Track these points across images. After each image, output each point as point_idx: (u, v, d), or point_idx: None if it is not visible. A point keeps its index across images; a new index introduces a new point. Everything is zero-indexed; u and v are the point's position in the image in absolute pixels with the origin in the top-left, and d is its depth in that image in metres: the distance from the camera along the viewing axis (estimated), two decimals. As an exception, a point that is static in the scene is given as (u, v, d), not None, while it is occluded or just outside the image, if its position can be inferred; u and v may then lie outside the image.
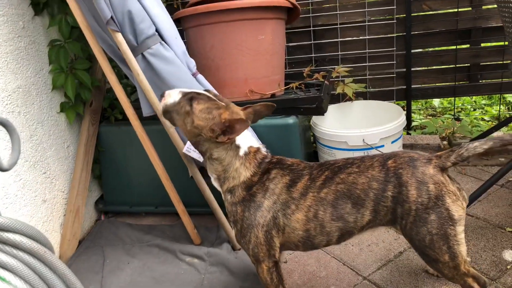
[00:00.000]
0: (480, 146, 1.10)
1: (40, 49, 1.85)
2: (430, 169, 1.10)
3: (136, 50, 1.65)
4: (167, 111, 1.27)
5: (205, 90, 1.27)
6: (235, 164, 1.23)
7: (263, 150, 1.29)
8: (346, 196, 1.14)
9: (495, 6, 1.85)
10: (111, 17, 1.59)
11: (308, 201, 1.16)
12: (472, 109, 3.13)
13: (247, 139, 1.26)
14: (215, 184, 1.30)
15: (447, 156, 1.11)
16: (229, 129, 1.18)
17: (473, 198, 1.73)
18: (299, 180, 1.19)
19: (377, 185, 1.11)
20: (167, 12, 1.77)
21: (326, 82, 2.12)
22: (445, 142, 2.55)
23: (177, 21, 2.01)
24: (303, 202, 1.16)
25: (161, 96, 1.29)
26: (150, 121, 1.80)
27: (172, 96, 1.25)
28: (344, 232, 1.18)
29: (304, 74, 2.20)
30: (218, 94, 1.30)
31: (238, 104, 1.91)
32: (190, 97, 1.22)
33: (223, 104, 1.23)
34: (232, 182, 1.24)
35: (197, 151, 1.68)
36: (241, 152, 1.24)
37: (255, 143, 1.28)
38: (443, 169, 1.11)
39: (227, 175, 1.24)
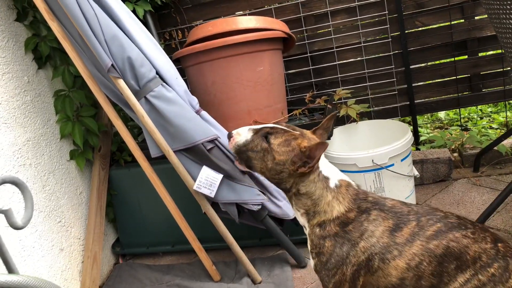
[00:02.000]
0: None
1: (46, 100, 1.90)
2: None
3: (139, 94, 1.69)
4: (240, 151, 1.22)
5: (276, 123, 1.23)
6: (327, 197, 1.16)
7: (354, 185, 1.21)
8: (455, 257, 1.07)
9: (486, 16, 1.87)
10: (112, 64, 1.63)
11: (413, 248, 1.09)
12: (479, 118, 3.12)
13: (335, 171, 1.20)
14: (301, 219, 1.23)
15: None
16: (309, 157, 1.13)
17: (490, 210, 1.70)
18: (404, 225, 1.11)
19: (485, 259, 1.07)
20: (165, 54, 1.82)
21: (328, 106, 2.14)
22: (455, 154, 2.53)
23: (177, 61, 2.06)
24: (408, 249, 1.09)
25: (228, 137, 1.24)
26: (159, 161, 1.81)
27: (243, 135, 1.21)
28: None
29: (306, 100, 2.22)
30: (290, 125, 1.25)
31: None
32: (265, 133, 1.18)
33: (298, 133, 1.19)
34: (324, 216, 1.17)
35: (208, 187, 1.69)
36: (332, 184, 1.17)
37: (345, 176, 1.21)
38: None
39: (317, 209, 1.17)
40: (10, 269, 0.74)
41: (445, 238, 1.08)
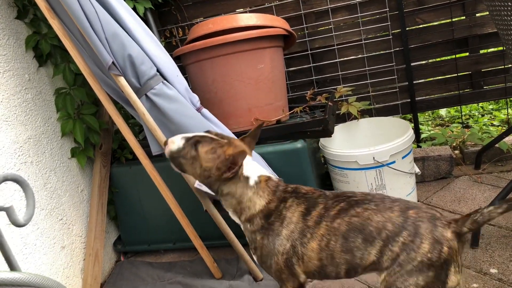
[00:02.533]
0: (494, 210, 1.08)
1: (46, 98, 1.90)
2: (448, 232, 1.09)
3: (140, 91, 1.69)
4: (173, 157, 1.28)
5: (206, 132, 1.30)
6: (248, 194, 1.24)
7: (275, 178, 1.29)
8: (359, 230, 1.13)
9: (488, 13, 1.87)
10: (113, 62, 1.63)
11: (321, 230, 1.16)
12: (480, 115, 3.12)
13: (255, 169, 1.27)
14: (234, 218, 1.31)
15: (463, 222, 1.10)
16: (233, 163, 1.20)
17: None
18: (313, 208, 1.19)
19: (392, 228, 1.10)
20: (166, 52, 1.82)
21: (329, 103, 2.14)
22: (457, 152, 2.53)
23: (177, 58, 2.06)
24: (317, 230, 1.16)
25: (164, 144, 1.31)
26: (160, 159, 1.81)
27: (176, 143, 1.27)
28: (350, 267, 1.16)
29: (307, 97, 2.21)
30: (219, 132, 1.32)
31: (245, 133, 1.94)
32: (194, 142, 1.25)
33: (225, 141, 1.26)
34: (249, 212, 1.25)
35: (208, 185, 1.70)
36: (251, 182, 1.25)
37: (265, 172, 1.29)
38: (459, 235, 1.10)
39: (242, 206, 1.25)
40: (12, 267, 0.75)
41: (346, 215, 1.15)
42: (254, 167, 1.28)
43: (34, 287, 0.67)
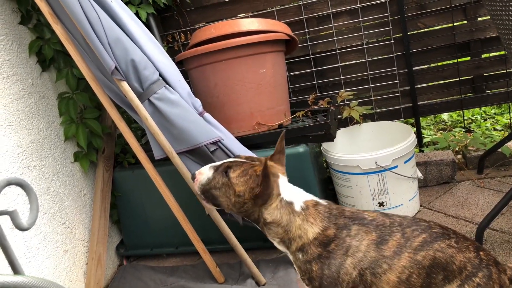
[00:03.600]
0: None
1: (50, 103, 1.91)
2: (506, 278, 1.12)
3: (142, 96, 1.69)
4: (205, 190, 1.21)
5: (236, 156, 1.25)
6: (296, 221, 1.14)
7: (323, 202, 1.19)
8: (442, 267, 1.08)
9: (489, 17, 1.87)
10: (115, 67, 1.64)
11: (402, 261, 1.08)
12: (482, 120, 3.11)
13: (297, 193, 1.19)
14: (281, 248, 1.21)
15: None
16: (265, 182, 1.12)
17: (495, 212, 1.69)
18: (389, 237, 1.10)
19: (470, 269, 1.08)
20: (168, 56, 1.82)
21: (331, 107, 2.14)
22: (459, 156, 2.52)
23: (180, 63, 2.07)
24: (397, 262, 1.08)
25: (192, 178, 1.24)
26: (162, 163, 1.82)
27: (205, 173, 1.20)
28: None
29: (309, 102, 2.22)
30: (249, 155, 1.26)
31: (247, 137, 1.95)
32: (224, 168, 1.17)
33: (256, 162, 1.19)
34: (300, 241, 1.14)
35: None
36: (297, 208, 1.15)
37: (310, 196, 1.20)
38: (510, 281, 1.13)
39: (291, 235, 1.15)
40: (16, 270, 0.75)
41: (431, 248, 1.08)
42: (295, 190, 1.20)
43: (38, 291, 0.68)
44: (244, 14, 2.65)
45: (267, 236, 1.21)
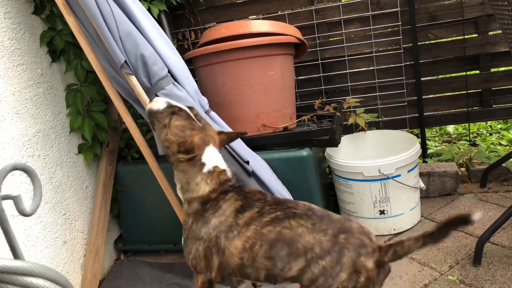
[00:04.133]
0: (414, 244, 1.09)
1: (57, 93, 1.92)
2: (370, 262, 1.10)
3: (150, 91, 1.70)
4: (150, 115, 1.36)
5: (189, 107, 1.36)
6: (197, 179, 1.28)
7: (229, 173, 1.33)
8: (286, 243, 1.15)
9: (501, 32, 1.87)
10: (125, 61, 1.65)
11: (249, 232, 1.19)
12: (488, 134, 3.10)
13: (214, 159, 1.32)
14: (179, 193, 1.36)
15: (386, 251, 1.11)
16: (190, 150, 1.26)
17: (496, 226, 1.69)
18: (248, 209, 1.23)
19: (318, 251, 1.11)
20: (178, 53, 1.83)
21: (337, 113, 2.14)
22: (463, 169, 2.52)
23: (188, 61, 2.08)
24: (245, 231, 1.20)
25: (150, 100, 1.40)
26: (166, 159, 1.82)
27: (158, 104, 1.34)
28: (270, 274, 1.18)
29: (316, 107, 2.22)
30: (198, 113, 1.38)
31: (252, 138, 1.95)
32: (171, 111, 1.31)
33: (199, 125, 1.32)
34: (191, 194, 1.29)
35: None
36: (205, 169, 1.29)
37: (223, 164, 1.33)
38: (381, 264, 1.12)
39: (189, 187, 1.30)
40: (16, 255, 0.75)
41: (279, 225, 1.17)
42: (215, 157, 1.32)
43: (37, 277, 0.68)
44: (255, 16, 2.66)
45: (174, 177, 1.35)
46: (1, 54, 1.63)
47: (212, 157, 1.31)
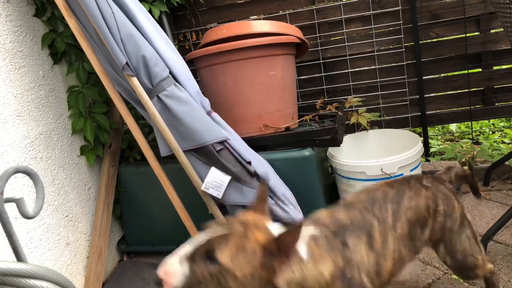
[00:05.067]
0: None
1: (59, 95, 1.93)
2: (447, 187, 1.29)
3: (152, 92, 1.70)
4: None
5: (206, 228, 0.94)
6: (309, 270, 0.96)
7: (315, 232, 1.03)
8: (417, 222, 1.17)
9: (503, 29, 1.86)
10: (126, 62, 1.65)
11: (391, 246, 1.09)
12: (491, 132, 3.09)
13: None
14: None
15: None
16: (283, 247, 0.87)
17: (499, 225, 1.68)
18: (373, 230, 1.09)
19: (432, 203, 1.19)
20: (179, 54, 1.83)
21: (339, 113, 2.13)
22: (465, 168, 2.50)
23: (190, 62, 2.08)
24: (388, 249, 1.08)
25: (158, 284, 0.87)
26: (168, 160, 1.82)
27: (176, 272, 0.86)
28: (412, 255, 1.21)
29: (317, 106, 2.22)
30: (220, 222, 0.94)
31: (254, 139, 1.95)
32: (204, 253, 0.87)
33: (240, 229, 0.90)
34: (318, 286, 0.98)
35: (215, 188, 1.70)
36: (305, 256, 0.96)
37: (303, 235, 0.99)
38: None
39: (309, 285, 0.96)
40: (19, 258, 0.75)
41: (402, 214, 1.14)
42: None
43: (41, 279, 0.68)
44: (256, 16, 2.66)
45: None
46: (3, 57, 1.64)
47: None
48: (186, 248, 0.88)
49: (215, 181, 1.70)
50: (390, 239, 1.11)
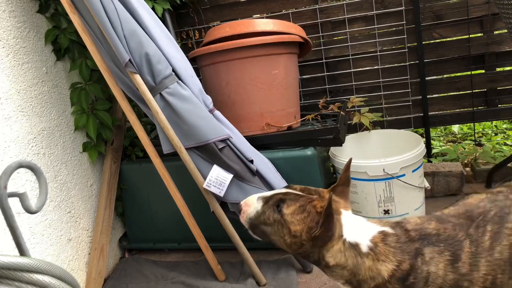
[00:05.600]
0: None
1: (62, 92, 1.93)
2: None
3: (154, 90, 1.70)
4: (253, 226, 1.06)
5: (287, 187, 1.10)
6: (365, 264, 0.99)
7: (390, 231, 1.03)
8: None
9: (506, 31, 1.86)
10: (129, 59, 1.65)
11: (482, 270, 0.96)
12: (493, 134, 3.09)
13: (363, 231, 1.03)
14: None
15: None
16: (326, 223, 0.98)
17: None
18: (461, 250, 0.97)
19: None
20: (182, 52, 1.83)
21: (342, 112, 2.13)
22: (468, 169, 2.50)
23: (192, 60, 2.08)
24: (477, 274, 0.96)
25: (238, 210, 1.10)
26: (170, 158, 1.83)
27: (252, 206, 1.06)
28: None
29: (320, 106, 2.22)
30: (306, 187, 1.10)
31: (256, 137, 1.95)
32: (276, 202, 1.03)
33: (315, 196, 1.05)
34: (373, 282, 0.99)
35: (217, 186, 1.70)
36: (364, 249, 1.00)
37: (375, 228, 1.04)
38: None
39: (360, 278, 1.00)
40: (23, 252, 0.76)
41: (503, 237, 0.96)
42: (359, 228, 1.04)
43: (44, 274, 0.68)
44: (259, 15, 2.66)
45: (330, 277, 1.07)
46: (7, 53, 1.64)
47: (356, 229, 1.03)
48: (267, 193, 1.07)
49: (217, 179, 1.71)
50: (482, 262, 0.96)
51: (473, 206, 1.05)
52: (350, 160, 1.16)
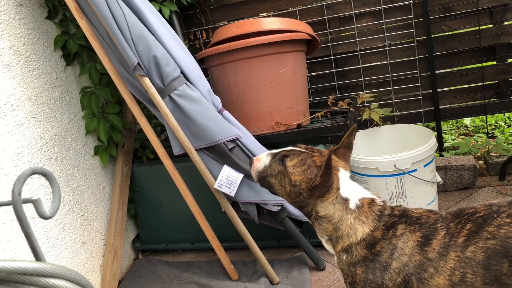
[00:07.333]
0: None
1: (72, 96, 1.95)
2: None
3: (163, 92, 1.71)
4: (261, 178, 1.20)
5: (294, 146, 1.22)
6: (348, 220, 1.09)
7: (379, 200, 1.13)
8: (501, 254, 0.93)
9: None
10: (138, 63, 1.66)
11: (450, 262, 0.97)
12: (506, 126, 3.05)
13: (355, 190, 1.14)
14: (327, 247, 1.17)
15: None
16: (325, 171, 1.07)
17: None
18: (433, 236, 1.01)
19: None
20: (190, 54, 1.84)
21: (351, 109, 2.12)
22: (481, 162, 2.48)
23: (200, 61, 2.08)
24: (444, 264, 0.98)
25: (250, 164, 1.24)
26: (181, 159, 1.83)
27: (262, 160, 1.20)
28: None
29: (329, 103, 2.21)
30: (309, 146, 1.22)
31: (266, 136, 1.95)
32: (281, 156, 1.16)
33: (317, 153, 1.16)
34: (348, 240, 1.09)
35: (228, 186, 1.71)
36: (352, 205, 1.10)
37: (367, 193, 1.14)
38: None
39: (339, 233, 1.10)
40: (38, 257, 0.77)
41: (479, 238, 0.96)
42: (353, 187, 1.15)
43: (59, 278, 0.69)
44: (266, 14, 2.66)
45: (316, 232, 1.16)
46: (17, 60, 1.66)
47: (350, 187, 1.14)
48: (276, 150, 1.20)
49: (227, 179, 1.71)
50: (452, 255, 0.98)
51: (477, 207, 1.04)
52: (354, 127, 1.25)
